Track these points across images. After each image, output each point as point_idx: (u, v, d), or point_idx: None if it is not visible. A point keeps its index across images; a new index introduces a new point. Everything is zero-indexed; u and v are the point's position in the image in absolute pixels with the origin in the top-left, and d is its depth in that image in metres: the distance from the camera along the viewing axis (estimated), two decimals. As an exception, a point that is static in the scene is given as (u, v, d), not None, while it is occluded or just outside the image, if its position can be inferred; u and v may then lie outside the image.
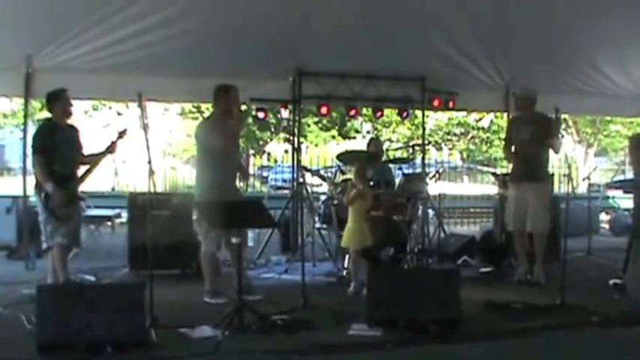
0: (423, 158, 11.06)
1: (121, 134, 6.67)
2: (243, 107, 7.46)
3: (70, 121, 6.74)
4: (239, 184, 7.02)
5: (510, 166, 8.27)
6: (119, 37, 8.15)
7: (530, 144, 7.54)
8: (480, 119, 24.71)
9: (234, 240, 5.56)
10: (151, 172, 5.59)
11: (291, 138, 12.40)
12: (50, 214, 6.30)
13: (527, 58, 9.72)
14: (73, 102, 6.69)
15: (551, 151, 7.63)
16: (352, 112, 10.56)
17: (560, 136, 7.97)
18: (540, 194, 7.55)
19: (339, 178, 9.01)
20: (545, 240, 7.50)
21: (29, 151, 6.65)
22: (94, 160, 6.67)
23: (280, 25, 8.34)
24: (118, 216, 11.33)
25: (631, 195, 7.99)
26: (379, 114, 10.56)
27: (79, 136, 6.78)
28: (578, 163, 24.60)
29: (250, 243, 9.93)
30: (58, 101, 6.55)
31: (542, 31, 8.92)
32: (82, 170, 6.64)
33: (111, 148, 6.66)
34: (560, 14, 8.42)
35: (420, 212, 8.97)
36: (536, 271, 7.55)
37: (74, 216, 6.52)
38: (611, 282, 7.02)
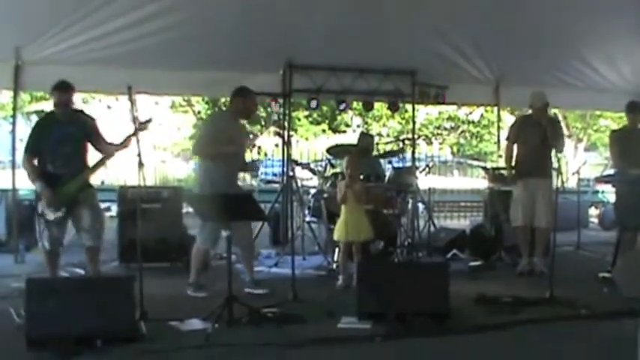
0: (413, 152, 11.05)
1: (143, 125, 5.95)
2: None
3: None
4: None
5: (501, 162, 8.35)
6: (110, 29, 8.12)
7: (541, 144, 7.63)
8: (471, 113, 24.71)
9: (223, 233, 5.54)
10: (141, 166, 5.56)
11: (282, 132, 12.39)
12: (40, 215, 6.06)
13: (517, 52, 9.73)
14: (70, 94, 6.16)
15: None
16: (342, 107, 10.57)
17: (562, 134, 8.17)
18: (546, 190, 7.65)
19: (330, 171, 9.03)
20: (548, 233, 7.55)
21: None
22: (112, 150, 6.14)
23: (271, 19, 8.31)
24: (108, 209, 11.32)
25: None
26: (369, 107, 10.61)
27: (93, 127, 6.31)
28: (568, 157, 24.69)
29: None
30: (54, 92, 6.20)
31: (532, 26, 8.93)
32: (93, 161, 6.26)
33: (126, 142, 6.07)
34: (549, 8, 8.44)
35: (409, 206, 9.00)
36: (537, 262, 7.70)
37: (82, 214, 6.16)
38: (601, 276, 7.04)
